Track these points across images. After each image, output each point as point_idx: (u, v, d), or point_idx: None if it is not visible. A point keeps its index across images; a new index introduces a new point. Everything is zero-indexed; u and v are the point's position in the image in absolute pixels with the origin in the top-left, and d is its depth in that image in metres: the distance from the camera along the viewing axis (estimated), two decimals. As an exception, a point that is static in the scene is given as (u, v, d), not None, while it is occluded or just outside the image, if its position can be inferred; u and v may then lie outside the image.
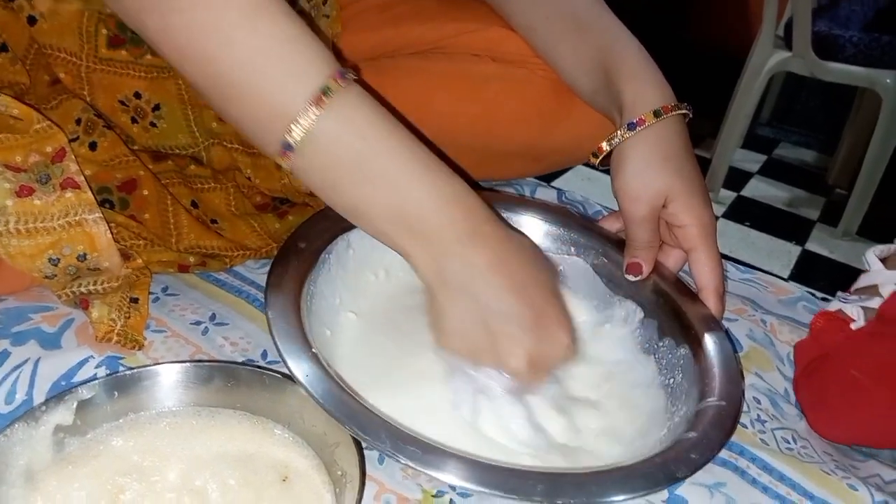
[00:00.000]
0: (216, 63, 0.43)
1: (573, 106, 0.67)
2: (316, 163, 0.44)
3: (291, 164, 0.44)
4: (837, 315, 0.58)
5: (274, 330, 0.43)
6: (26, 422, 0.39)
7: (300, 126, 0.42)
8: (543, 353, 0.46)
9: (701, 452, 0.42)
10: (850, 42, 1.71)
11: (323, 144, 0.43)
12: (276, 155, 0.44)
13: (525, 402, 0.47)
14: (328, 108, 0.42)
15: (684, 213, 0.55)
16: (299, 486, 0.41)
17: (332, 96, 0.43)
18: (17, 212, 0.48)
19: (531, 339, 0.45)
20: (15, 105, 0.50)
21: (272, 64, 0.43)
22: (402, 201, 0.45)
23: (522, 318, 0.45)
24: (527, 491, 0.38)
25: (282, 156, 0.44)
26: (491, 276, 0.45)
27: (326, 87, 0.43)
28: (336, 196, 0.46)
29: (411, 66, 0.71)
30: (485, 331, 0.45)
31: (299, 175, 0.46)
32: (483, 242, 0.45)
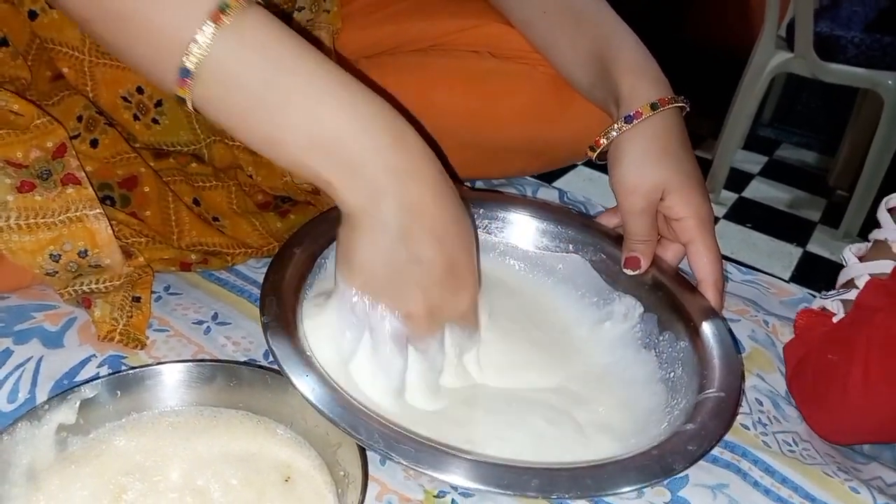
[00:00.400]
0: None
1: (573, 101, 0.67)
2: (219, 90, 0.40)
3: (192, 94, 0.40)
4: (819, 312, 0.58)
5: (269, 335, 0.43)
6: (29, 421, 0.39)
7: (197, 46, 0.38)
8: (443, 308, 0.45)
9: (699, 444, 0.41)
10: (851, 43, 1.71)
11: (224, 67, 0.39)
12: (175, 86, 0.40)
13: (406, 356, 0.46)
14: (227, 25, 0.38)
15: (681, 207, 0.55)
16: (301, 487, 0.41)
17: (230, 13, 0.38)
18: (18, 207, 0.48)
19: (436, 291, 0.44)
20: (15, 101, 0.50)
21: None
22: (320, 126, 0.41)
23: (434, 269, 0.44)
24: (521, 486, 0.37)
25: (181, 86, 0.39)
26: (418, 217, 0.42)
27: (224, 2, 0.38)
28: (246, 128, 0.41)
29: (411, 63, 0.71)
30: (393, 271, 0.43)
31: (203, 108, 0.41)
32: (416, 177, 0.42)
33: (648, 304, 0.56)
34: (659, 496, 0.45)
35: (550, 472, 0.39)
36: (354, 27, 0.72)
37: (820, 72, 1.76)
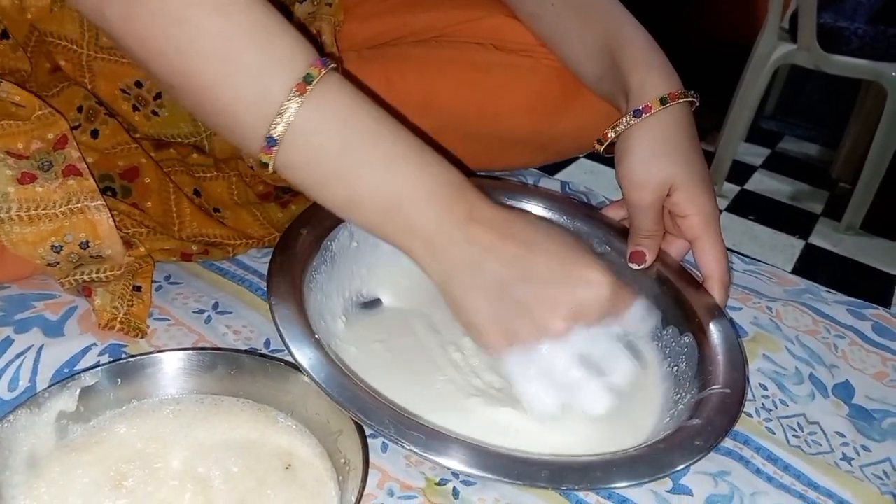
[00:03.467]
0: (186, 56, 0.40)
1: (578, 94, 0.67)
2: (300, 157, 0.42)
3: (275, 160, 0.42)
4: None
5: (277, 316, 0.43)
6: (29, 408, 0.39)
7: (283, 117, 0.40)
8: (582, 302, 0.42)
9: (705, 439, 0.41)
10: (855, 34, 1.71)
11: (307, 135, 0.41)
12: (259, 152, 0.41)
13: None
14: (310, 96, 0.40)
15: (688, 203, 0.55)
16: (302, 474, 0.41)
17: (313, 84, 0.40)
18: (20, 199, 0.48)
19: (564, 293, 0.42)
20: (17, 92, 0.50)
21: (248, 53, 0.40)
22: (392, 192, 0.42)
23: (545, 275, 0.42)
24: (531, 477, 0.37)
25: (265, 152, 0.41)
26: (499, 244, 0.42)
27: (308, 74, 0.41)
28: (325, 191, 0.44)
29: (415, 55, 0.70)
30: (512, 303, 0.42)
31: (285, 173, 0.43)
32: (483, 219, 0.43)
33: (653, 299, 0.55)
34: (660, 484, 0.45)
35: (560, 464, 0.39)
36: (357, 19, 0.72)
37: (823, 63, 1.75)
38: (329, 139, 0.42)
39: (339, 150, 0.42)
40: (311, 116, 0.41)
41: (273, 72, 0.41)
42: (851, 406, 0.54)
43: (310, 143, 0.41)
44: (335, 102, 0.42)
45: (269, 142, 0.41)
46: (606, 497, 0.44)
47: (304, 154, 0.42)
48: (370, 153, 0.42)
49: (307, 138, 0.41)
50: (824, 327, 0.61)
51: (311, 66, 0.41)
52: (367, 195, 0.43)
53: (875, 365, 0.58)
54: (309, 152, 0.42)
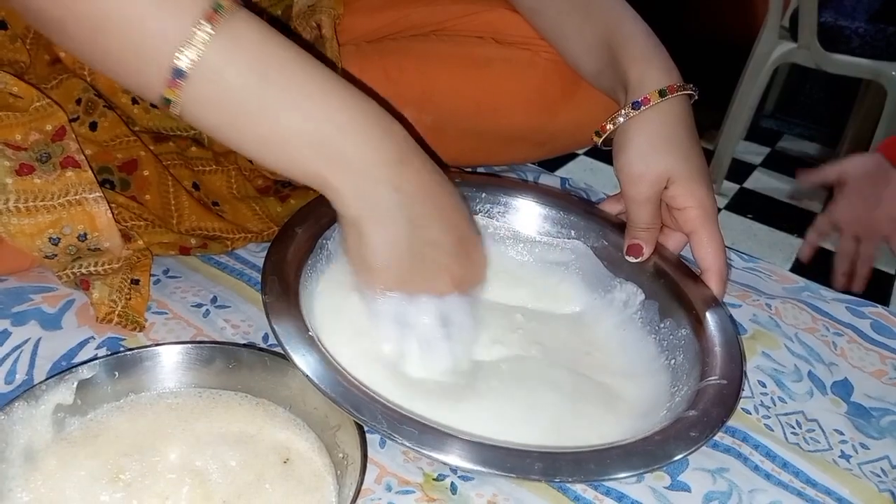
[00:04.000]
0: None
1: (577, 89, 0.67)
2: (212, 92, 0.39)
3: (182, 96, 0.38)
4: None
5: (271, 314, 0.43)
6: (26, 401, 0.39)
7: (192, 47, 0.37)
8: (466, 277, 0.48)
9: (701, 431, 0.41)
10: (855, 33, 1.71)
11: (219, 68, 0.38)
12: (164, 88, 0.38)
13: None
14: (222, 26, 0.37)
15: (685, 196, 0.55)
16: (300, 468, 0.40)
17: (224, 13, 0.38)
18: (17, 190, 0.47)
19: (456, 265, 0.47)
20: (15, 83, 0.49)
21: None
22: (316, 125, 0.41)
23: (450, 246, 0.46)
24: (525, 469, 0.37)
25: (171, 87, 0.38)
26: (420, 202, 0.44)
27: (217, 3, 0.38)
28: (238, 130, 0.41)
29: (413, 48, 0.70)
30: (414, 258, 0.45)
31: (193, 111, 0.40)
32: (410, 167, 0.44)
33: (650, 292, 0.56)
34: (658, 480, 0.45)
35: (554, 456, 0.39)
36: (356, 12, 0.71)
37: (823, 62, 1.75)
38: (244, 72, 0.39)
39: (255, 84, 0.39)
40: (223, 47, 0.38)
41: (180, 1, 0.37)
42: (850, 404, 0.54)
43: (222, 76, 0.38)
44: (248, 34, 0.39)
45: (175, 74, 0.38)
46: (605, 493, 0.44)
47: (215, 89, 0.39)
48: (288, 87, 0.40)
49: (219, 71, 0.38)
50: (823, 325, 0.61)
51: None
52: (288, 133, 0.41)
53: (874, 363, 0.58)
54: (221, 86, 0.39)
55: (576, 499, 0.43)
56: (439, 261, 0.46)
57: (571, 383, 0.49)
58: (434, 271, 0.46)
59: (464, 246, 0.48)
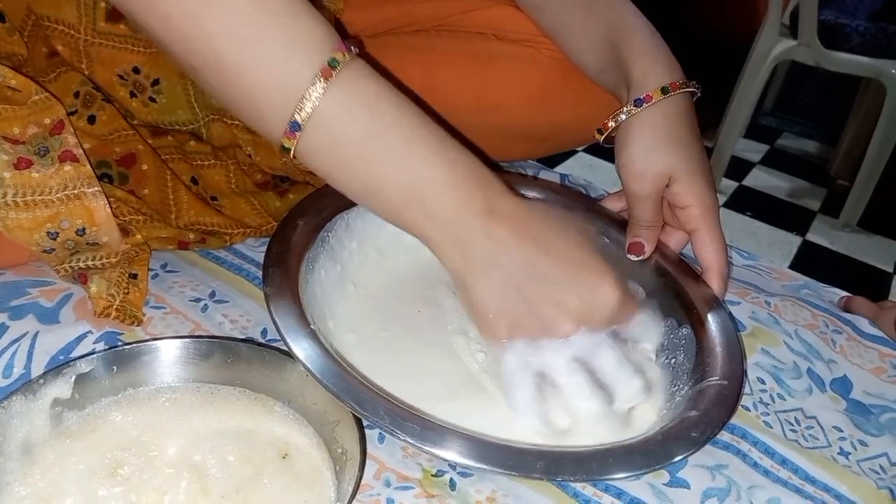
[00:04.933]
0: (210, 39, 0.40)
1: (579, 86, 0.67)
2: (323, 142, 0.42)
3: (297, 145, 0.41)
4: None
5: (272, 306, 0.43)
6: (24, 395, 0.38)
7: (308, 102, 0.40)
8: (591, 307, 0.43)
9: (702, 431, 0.41)
10: (856, 31, 1.70)
11: (330, 120, 0.41)
12: (282, 137, 0.41)
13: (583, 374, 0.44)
14: (335, 81, 0.40)
15: (687, 194, 0.55)
16: (299, 463, 0.40)
17: (339, 69, 0.40)
18: (15, 184, 0.47)
19: (574, 297, 0.43)
20: (13, 76, 0.49)
21: (274, 34, 0.40)
22: (412, 178, 0.42)
23: (559, 277, 0.43)
24: (526, 468, 0.37)
25: (288, 137, 0.41)
26: (516, 243, 0.43)
27: (333, 59, 0.40)
28: (346, 177, 0.43)
29: (415, 44, 0.70)
30: (523, 301, 0.43)
31: (305, 158, 0.42)
32: (502, 214, 0.43)
33: (651, 290, 0.55)
34: (658, 477, 0.45)
35: (556, 455, 0.39)
36: (356, 7, 0.71)
37: (823, 60, 1.75)
38: (352, 125, 0.41)
39: (361, 136, 0.41)
40: (335, 101, 0.40)
41: (298, 55, 0.40)
42: (849, 401, 0.54)
43: (333, 128, 0.41)
44: (359, 88, 0.42)
45: (292, 127, 0.40)
46: (603, 489, 0.44)
47: (326, 139, 0.41)
48: (391, 140, 0.42)
49: (331, 124, 0.41)
50: (823, 322, 0.61)
51: (334, 50, 0.41)
52: (386, 182, 0.43)
53: (873, 360, 0.58)
54: (331, 138, 0.41)
55: (575, 495, 0.43)
56: (552, 296, 0.43)
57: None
58: (550, 310, 0.43)
59: (581, 276, 0.44)
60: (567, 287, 0.43)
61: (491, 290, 0.43)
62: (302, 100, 0.40)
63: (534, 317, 0.43)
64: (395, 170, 0.42)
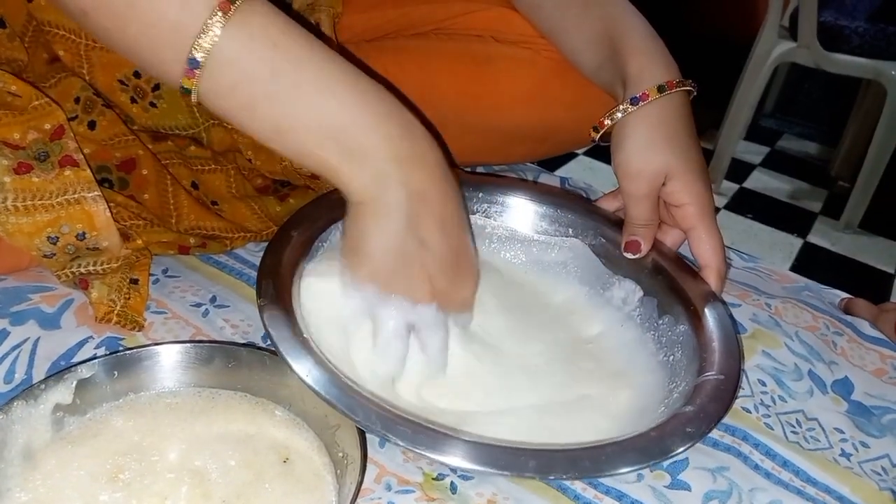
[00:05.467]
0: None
1: (577, 86, 0.67)
2: (226, 80, 0.39)
3: (199, 85, 0.39)
4: None
5: (266, 317, 0.43)
6: (25, 400, 0.38)
7: (206, 37, 0.38)
8: (449, 296, 0.46)
9: (697, 426, 0.41)
10: (855, 33, 1.70)
11: (231, 57, 0.39)
12: (181, 77, 0.39)
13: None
14: (235, 16, 0.38)
15: (683, 193, 0.55)
16: (300, 468, 0.40)
17: (237, 2, 0.38)
18: (16, 189, 0.47)
19: (442, 277, 0.45)
20: (13, 81, 0.49)
21: None
22: (330, 116, 0.41)
23: (442, 255, 0.44)
24: (519, 467, 0.37)
25: (188, 76, 0.39)
26: (425, 204, 0.43)
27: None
28: (253, 117, 0.41)
29: (413, 47, 0.70)
30: (402, 258, 0.44)
31: (209, 100, 0.40)
32: (421, 165, 0.43)
33: (648, 288, 0.56)
34: (659, 479, 0.45)
35: (548, 454, 0.39)
36: (355, 10, 0.71)
37: (823, 62, 1.75)
38: (257, 62, 0.39)
39: (268, 75, 0.40)
40: (236, 37, 0.38)
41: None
42: (850, 402, 0.54)
43: (236, 66, 0.39)
44: (262, 23, 0.40)
45: (190, 64, 0.39)
46: (604, 492, 0.44)
47: (228, 78, 0.39)
48: (302, 78, 0.40)
49: (232, 61, 0.39)
50: (823, 324, 0.61)
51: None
52: (298, 123, 0.41)
53: (874, 362, 0.58)
54: (235, 76, 0.39)
55: (576, 498, 0.43)
56: (425, 266, 0.44)
57: (569, 381, 0.49)
58: (416, 276, 0.44)
59: (456, 259, 0.46)
60: (443, 265, 0.45)
61: (378, 234, 0.43)
62: (199, 35, 0.38)
63: (399, 274, 0.44)
64: (307, 110, 0.41)
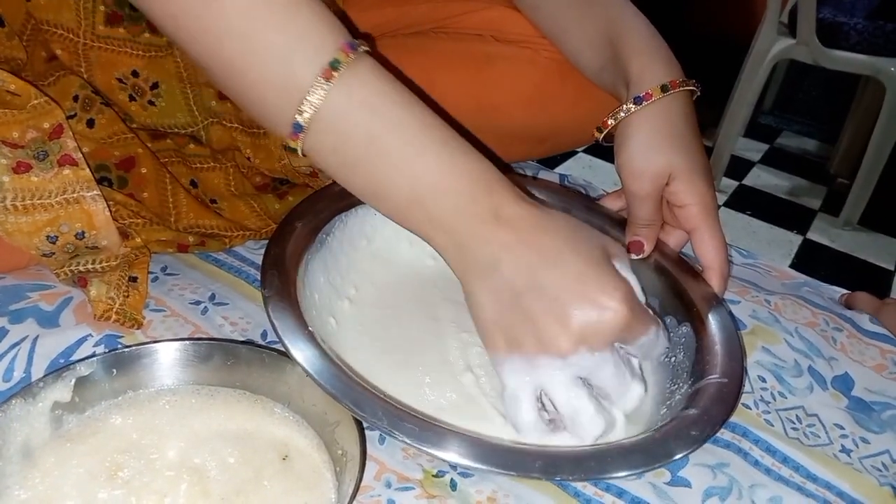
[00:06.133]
0: (211, 35, 0.40)
1: (578, 86, 0.67)
2: (327, 143, 0.41)
3: (302, 146, 0.41)
4: None
5: (270, 308, 0.43)
6: (24, 398, 0.38)
7: (308, 104, 0.39)
8: (593, 327, 0.40)
9: (701, 429, 0.41)
10: (854, 30, 1.70)
11: (332, 122, 0.40)
12: (287, 137, 0.41)
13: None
14: (337, 83, 0.40)
15: (686, 193, 0.54)
16: (299, 465, 0.40)
17: (341, 70, 0.40)
18: (15, 188, 0.47)
19: (577, 313, 0.40)
20: (12, 80, 0.49)
21: (271, 33, 0.40)
22: (414, 182, 0.41)
23: (562, 291, 0.40)
24: (525, 467, 0.37)
25: (292, 138, 0.41)
26: (519, 251, 0.41)
27: (335, 59, 0.40)
28: (352, 178, 0.43)
29: (413, 45, 0.70)
30: (520, 313, 0.40)
31: (312, 157, 0.43)
32: (508, 220, 0.41)
33: (650, 289, 0.55)
34: (659, 476, 0.45)
35: (554, 454, 0.39)
36: (355, 9, 0.71)
37: (822, 58, 1.75)
38: (355, 127, 0.41)
39: (364, 139, 0.41)
40: (337, 104, 0.40)
41: (298, 55, 0.40)
42: (850, 398, 0.54)
43: (335, 130, 0.41)
44: (363, 89, 0.41)
45: (295, 128, 0.40)
46: (604, 489, 0.44)
47: (330, 141, 0.41)
48: (394, 143, 0.41)
49: (333, 126, 0.41)
50: (823, 320, 0.61)
51: (338, 51, 0.40)
52: (390, 185, 0.42)
53: (874, 357, 0.58)
54: (334, 140, 0.41)
55: (576, 495, 0.43)
56: (552, 312, 0.40)
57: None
58: (547, 325, 0.40)
59: (586, 289, 0.40)
60: (568, 301, 0.40)
61: (487, 297, 0.41)
62: (302, 102, 0.40)
63: (530, 330, 0.40)
64: (397, 173, 0.42)
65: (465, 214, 0.41)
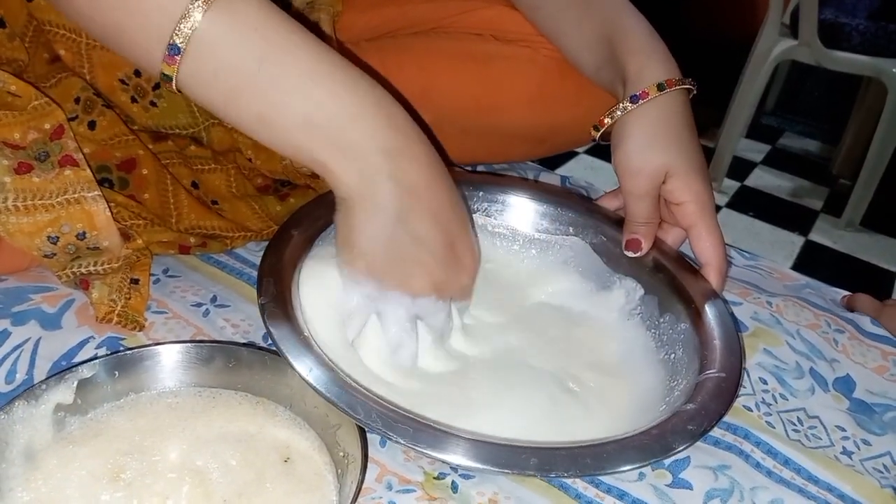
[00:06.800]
0: None
1: (577, 86, 0.67)
2: (207, 68, 0.38)
3: (179, 72, 0.38)
4: None
5: (266, 315, 0.43)
6: (26, 400, 0.38)
7: (187, 22, 0.37)
8: (447, 285, 0.46)
9: (698, 424, 0.41)
10: (856, 30, 1.70)
11: (215, 44, 0.38)
12: (162, 64, 0.38)
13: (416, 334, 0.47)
14: (219, 2, 0.37)
15: (683, 191, 0.55)
16: (301, 467, 0.40)
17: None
18: (16, 189, 0.47)
19: (439, 267, 0.45)
20: (13, 81, 0.49)
21: None
22: (315, 107, 0.40)
23: (436, 246, 0.44)
24: (520, 465, 0.37)
25: (167, 62, 0.38)
26: (415, 197, 0.43)
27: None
28: (235, 107, 0.40)
29: (413, 46, 0.70)
30: (396, 253, 0.44)
31: (190, 88, 0.39)
32: (410, 156, 0.43)
33: (649, 287, 0.55)
34: (660, 478, 0.45)
35: (549, 452, 0.39)
36: (355, 10, 0.71)
37: (824, 59, 1.75)
38: (240, 49, 0.38)
39: (253, 61, 0.39)
40: (217, 22, 0.38)
41: None
42: (852, 400, 0.54)
43: (217, 52, 0.38)
44: (246, 10, 0.39)
45: (171, 49, 0.38)
46: (605, 491, 0.44)
47: (210, 65, 0.39)
48: (288, 66, 0.39)
49: (214, 48, 0.38)
50: (825, 321, 0.61)
51: None
52: (287, 113, 0.40)
53: (875, 359, 0.58)
54: (216, 63, 0.39)
55: (577, 497, 0.43)
56: (421, 259, 0.44)
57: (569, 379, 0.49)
58: (412, 269, 0.45)
59: (453, 249, 0.46)
60: (439, 256, 0.45)
61: (370, 230, 0.43)
62: (180, 20, 0.37)
63: (395, 269, 0.44)
64: (293, 99, 0.40)
65: (369, 144, 0.41)
